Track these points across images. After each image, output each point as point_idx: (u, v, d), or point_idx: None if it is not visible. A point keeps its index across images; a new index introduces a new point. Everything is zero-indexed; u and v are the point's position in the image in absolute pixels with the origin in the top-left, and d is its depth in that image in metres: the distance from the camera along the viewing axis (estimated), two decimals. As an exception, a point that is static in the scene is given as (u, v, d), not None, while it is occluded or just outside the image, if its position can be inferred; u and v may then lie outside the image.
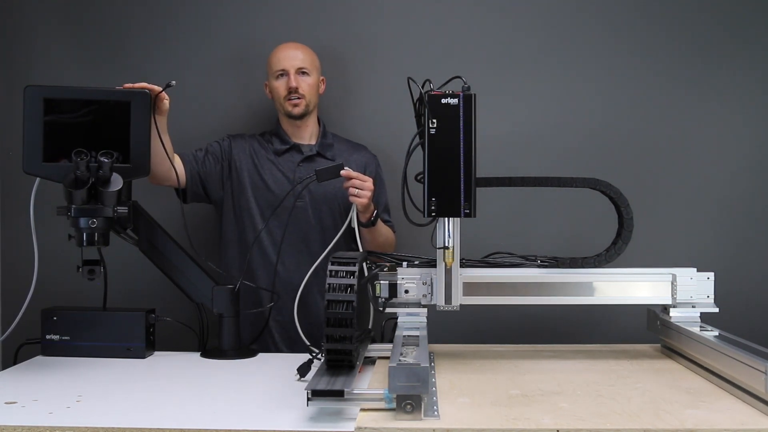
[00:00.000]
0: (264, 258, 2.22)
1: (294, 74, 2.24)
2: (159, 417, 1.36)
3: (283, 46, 2.31)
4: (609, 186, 1.75)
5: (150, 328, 1.90)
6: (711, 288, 1.77)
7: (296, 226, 2.20)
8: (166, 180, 2.08)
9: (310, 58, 2.30)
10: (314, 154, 2.29)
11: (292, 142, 2.30)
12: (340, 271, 1.51)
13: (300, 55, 2.27)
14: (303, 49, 2.30)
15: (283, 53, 2.27)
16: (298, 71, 2.25)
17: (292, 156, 2.29)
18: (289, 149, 2.29)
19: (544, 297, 1.76)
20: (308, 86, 2.27)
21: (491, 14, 2.55)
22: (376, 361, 1.75)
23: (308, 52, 2.31)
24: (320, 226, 2.24)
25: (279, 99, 2.27)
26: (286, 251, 2.16)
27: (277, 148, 2.29)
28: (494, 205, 2.40)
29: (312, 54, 2.32)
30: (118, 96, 1.80)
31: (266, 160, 2.28)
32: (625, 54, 2.54)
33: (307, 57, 2.29)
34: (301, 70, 2.26)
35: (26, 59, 2.51)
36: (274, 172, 2.26)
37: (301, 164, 2.27)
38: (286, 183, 2.24)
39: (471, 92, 1.59)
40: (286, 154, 2.29)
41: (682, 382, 1.56)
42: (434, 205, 1.59)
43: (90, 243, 1.75)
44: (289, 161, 2.28)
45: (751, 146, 2.55)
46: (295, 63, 2.25)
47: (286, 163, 2.27)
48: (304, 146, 2.30)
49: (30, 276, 1.81)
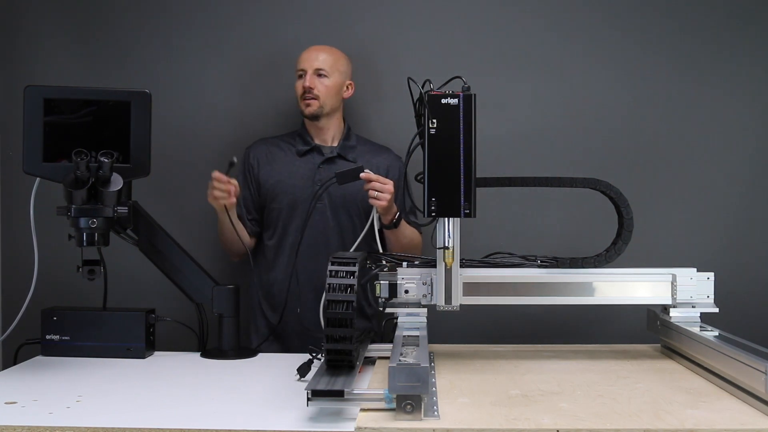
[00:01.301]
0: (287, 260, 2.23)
1: (311, 75, 2.23)
2: (159, 417, 1.36)
3: (312, 47, 2.30)
4: (609, 186, 1.75)
5: (150, 328, 1.90)
6: (711, 288, 1.77)
7: (315, 228, 2.20)
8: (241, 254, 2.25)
9: (333, 59, 2.27)
10: (335, 156, 2.27)
11: (314, 144, 2.29)
12: (340, 272, 1.51)
13: (321, 56, 2.25)
14: (327, 51, 2.28)
15: (306, 54, 2.27)
16: (315, 72, 2.24)
17: (313, 157, 2.28)
18: (310, 150, 2.28)
19: (544, 297, 1.76)
20: (325, 87, 2.24)
21: (491, 14, 2.55)
22: (376, 361, 1.75)
23: (333, 54, 2.28)
24: (339, 228, 2.23)
25: (297, 98, 2.28)
26: (305, 254, 2.15)
27: (299, 149, 2.29)
28: (494, 205, 2.40)
29: (338, 57, 2.29)
30: (118, 96, 1.80)
31: (285, 163, 2.27)
32: (625, 54, 2.53)
33: (329, 58, 2.26)
34: (319, 71, 2.24)
35: (26, 59, 2.51)
36: (293, 174, 2.25)
37: (322, 166, 2.25)
38: (306, 184, 2.23)
39: (471, 92, 1.59)
40: (308, 155, 2.28)
41: (682, 382, 1.56)
42: (434, 205, 1.59)
43: (90, 243, 1.75)
44: (310, 162, 2.27)
45: (752, 146, 2.54)
46: (314, 64, 2.24)
47: (307, 165, 2.26)
48: (325, 148, 2.29)
49: (30, 276, 1.81)
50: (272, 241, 2.26)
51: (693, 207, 2.53)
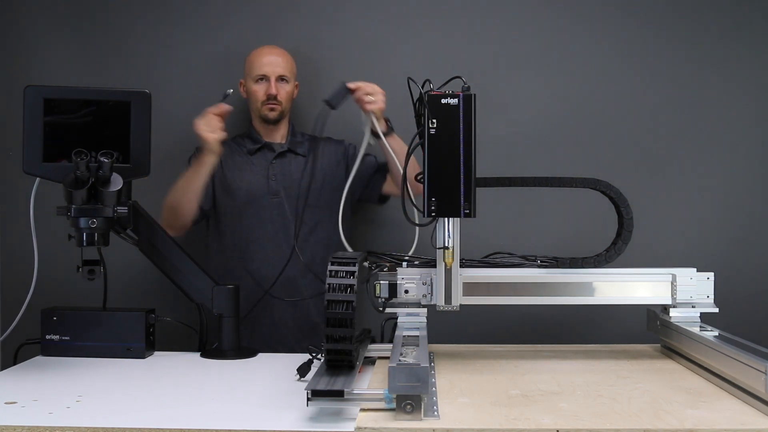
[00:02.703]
0: (243, 258, 2.26)
1: (274, 81, 2.29)
2: (159, 417, 1.36)
3: (265, 50, 2.34)
4: (609, 186, 1.75)
5: (150, 328, 1.90)
6: (711, 288, 1.76)
7: (275, 222, 2.25)
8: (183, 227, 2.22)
9: (290, 64, 2.35)
10: (285, 151, 2.33)
11: (264, 141, 2.35)
12: (340, 272, 1.51)
13: (281, 62, 2.32)
14: (284, 56, 2.35)
15: (266, 58, 2.31)
16: (278, 78, 2.30)
17: (264, 154, 2.34)
18: (261, 148, 2.34)
19: (544, 297, 1.76)
20: (286, 93, 2.33)
21: (491, 14, 2.55)
22: (376, 361, 1.75)
23: (288, 59, 2.35)
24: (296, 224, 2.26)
25: (256, 102, 2.32)
26: (266, 248, 2.22)
27: (249, 149, 2.34)
28: (494, 205, 2.40)
29: (291, 60, 2.37)
30: (118, 96, 1.80)
31: (239, 162, 2.31)
32: (625, 54, 2.54)
33: (288, 64, 2.34)
34: (281, 77, 2.31)
35: (26, 59, 2.51)
36: (247, 171, 2.30)
37: (274, 161, 2.31)
38: (261, 181, 2.28)
39: (471, 92, 1.59)
40: (259, 153, 2.34)
41: (682, 382, 1.56)
42: (434, 205, 1.59)
43: (90, 243, 1.74)
44: (262, 159, 2.32)
45: (752, 146, 2.55)
46: (276, 70, 2.30)
47: (259, 162, 2.32)
48: (275, 144, 2.35)
49: (30, 276, 1.81)
50: (215, 242, 2.30)
51: (693, 207, 2.54)
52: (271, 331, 2.25)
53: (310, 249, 2.25)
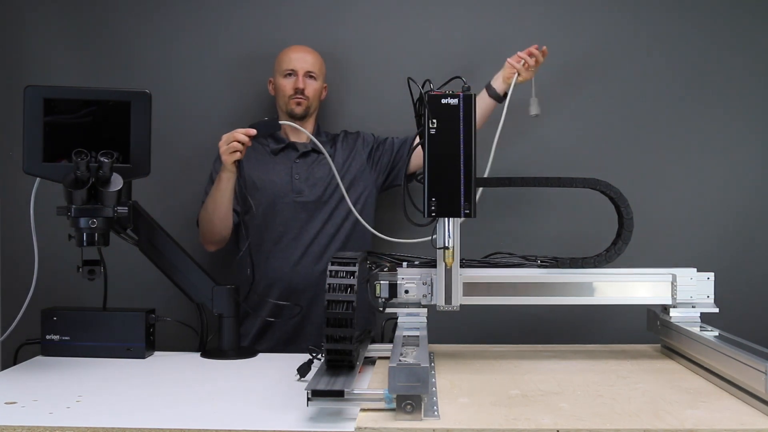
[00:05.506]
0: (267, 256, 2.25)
1: (302, 76, 2.30)
2: (159, 417, 1.36)
3: (296, 47, 2.36)
4: (609, 186, 1.75)
5: (150, 328, 1.90)
6: (711, 288, 1.76)
7: (299, 221, 2.24)
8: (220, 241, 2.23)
9: (319, 64, 2.36)
10: (309, 150, 2.32)
11: (288, 141, 2.33)
12: (340, 272, 1.51)
13: (310, 59, 2.33)
14: (313, 54, 2.36)
15: (295, 54, 2.33)
16: (306, 74, 2.31)
17: (288, 154, 2.32)
18: (285, 148, 2.33)
19: (544, 297, 1.76)
20: (313, 90, 2.33)
21: (491, 14, 2.55)
22: (376, 361, 1.75)
23: (318, 58, 2.36)
24: (321, 222, 2.26)
25: (284, 97, 2.32)
26: (289, 246, 2.21)
27: (273, 148, 2.33)
28: (494, 205, 2.40)
29: (321, 60, 2.37)
30: (118, 96, 1.80)
31: (261, 163, 2.30)
32: (625, 53, 2.54)
33: (317, 62, 2.35)
34: (309, 73, 2.32)
35: (26, 59, 2.51)
36: (270, 171, 2.29)
37: (298, 160, 2.30)
38: (285, 180, 2.27)
39: (471, 92, 1.59)
40: (282, 153, 2.32)
41: (682, 382, 1.56)
42: (434, 205, 1.59)
43: (90, 243, 1.74)
44: (285, 159, 2.31)
45: (752, 146, 2.54)
46: (305, 66, 2.31)
47: (282, 161, 2.31)
48: (299, 144, 2.34)
49: (30, 276, 1.81)
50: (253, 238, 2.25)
51: (693, 207, 2.53)
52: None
53: (336, 245, 2.26)
